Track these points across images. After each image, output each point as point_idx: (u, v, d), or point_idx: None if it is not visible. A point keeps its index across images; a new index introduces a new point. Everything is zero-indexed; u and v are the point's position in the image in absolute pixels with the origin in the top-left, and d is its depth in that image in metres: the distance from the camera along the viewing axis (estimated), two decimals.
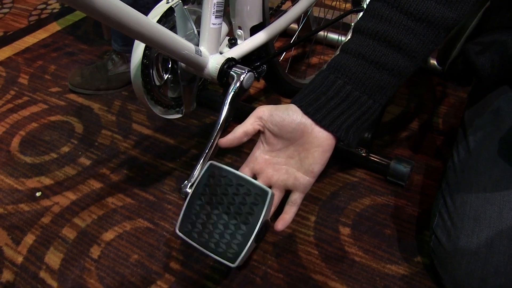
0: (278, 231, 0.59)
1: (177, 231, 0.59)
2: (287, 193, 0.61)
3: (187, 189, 0.64)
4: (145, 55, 0.70)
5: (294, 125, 0.56)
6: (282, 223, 0.59)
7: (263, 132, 0.59)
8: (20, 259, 0.79)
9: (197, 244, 0.58)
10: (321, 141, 0.57)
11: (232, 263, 0.55)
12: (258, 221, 0.56)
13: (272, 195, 0.58)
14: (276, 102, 1.15)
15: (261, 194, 0.57)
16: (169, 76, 0.77)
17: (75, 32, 1.53)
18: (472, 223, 0.64)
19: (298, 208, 0.60)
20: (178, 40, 0.65)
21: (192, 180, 0.66)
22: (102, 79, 1.21)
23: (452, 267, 0.65)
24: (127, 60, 1.23)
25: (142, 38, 0.60)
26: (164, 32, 0.62)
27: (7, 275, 0.77)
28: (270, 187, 0.62)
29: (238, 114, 1.04)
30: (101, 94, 1.22)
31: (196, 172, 0.68)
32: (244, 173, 0.61)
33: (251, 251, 0.57)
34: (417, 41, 0.53)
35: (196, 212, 0.59)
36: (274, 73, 0.94)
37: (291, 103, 0.58)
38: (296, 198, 0.60)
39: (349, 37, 0.60)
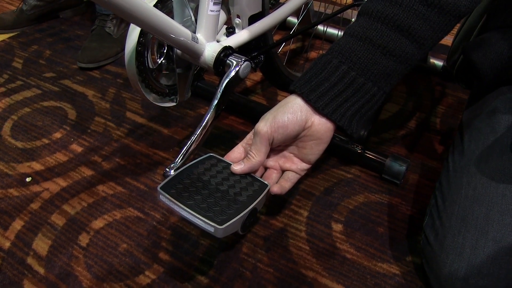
0: (273, 193, 0.60)
1: (158, 188, 0.59)
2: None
3: (171, 173, 0.64)
4: (139, 41, 0.68)
5: (297, 126, 0.56)
6: (279, 187, 0.61)
7: None
8: (7, 244, 0.78)
9: (182, 204, 0.56)
10: (320, 134, 0.57)
11: (219, 225, 0.53)
12: (252, 203, 0.57)
13: (269, 189, 0.60)
14: (273, 94, 1.13)
15: (261, 185, 0.59)
16: (164, 60, 0.75)
17: (72, 18, 1.51)
18: (459, 223, 0.63)
19: (293, 184, 0.62)
20: (174, 26, 0.64)
21: (178, 163, 0.67)
22: (114, 44, 1.26)
23: (437, 266, 0.64)
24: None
25: (137, 22, 0.59)
26: (160, 17, 0.60)
27: None
28: (266, 168, 0.64)
29: (234, 106, 1.03)
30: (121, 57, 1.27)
31: (181, 157, 0.68)
32: (238, 149, 0.63)
33: (237, 228, 0.57)
34: (427, 27, 0.51)
35: (188, 182, 0.59)
36: (272, 65, 0.93)
37: (290, 89, 0.58)
38: (291, 177, 0.61)
39: (354, 20, 0.58)
